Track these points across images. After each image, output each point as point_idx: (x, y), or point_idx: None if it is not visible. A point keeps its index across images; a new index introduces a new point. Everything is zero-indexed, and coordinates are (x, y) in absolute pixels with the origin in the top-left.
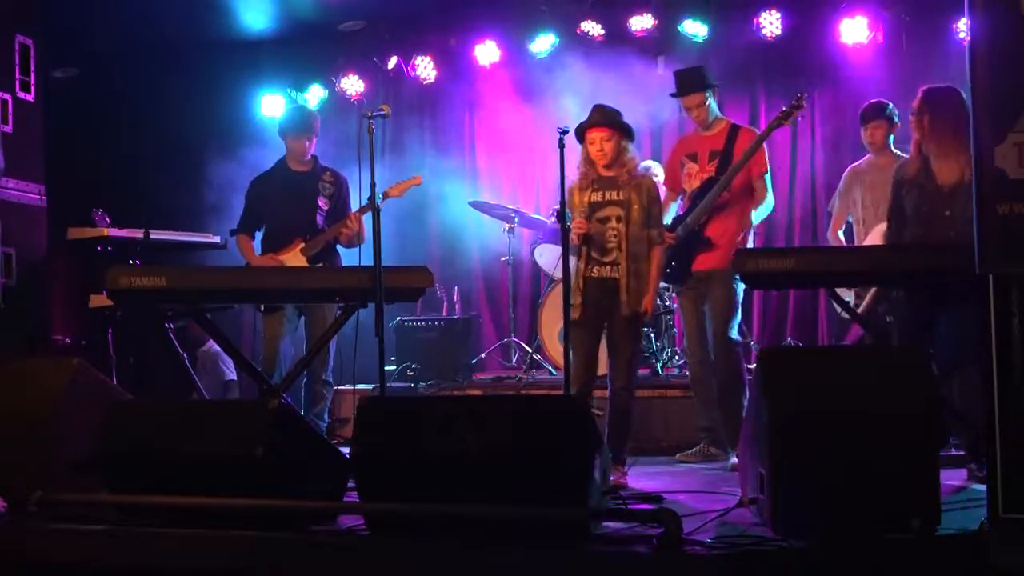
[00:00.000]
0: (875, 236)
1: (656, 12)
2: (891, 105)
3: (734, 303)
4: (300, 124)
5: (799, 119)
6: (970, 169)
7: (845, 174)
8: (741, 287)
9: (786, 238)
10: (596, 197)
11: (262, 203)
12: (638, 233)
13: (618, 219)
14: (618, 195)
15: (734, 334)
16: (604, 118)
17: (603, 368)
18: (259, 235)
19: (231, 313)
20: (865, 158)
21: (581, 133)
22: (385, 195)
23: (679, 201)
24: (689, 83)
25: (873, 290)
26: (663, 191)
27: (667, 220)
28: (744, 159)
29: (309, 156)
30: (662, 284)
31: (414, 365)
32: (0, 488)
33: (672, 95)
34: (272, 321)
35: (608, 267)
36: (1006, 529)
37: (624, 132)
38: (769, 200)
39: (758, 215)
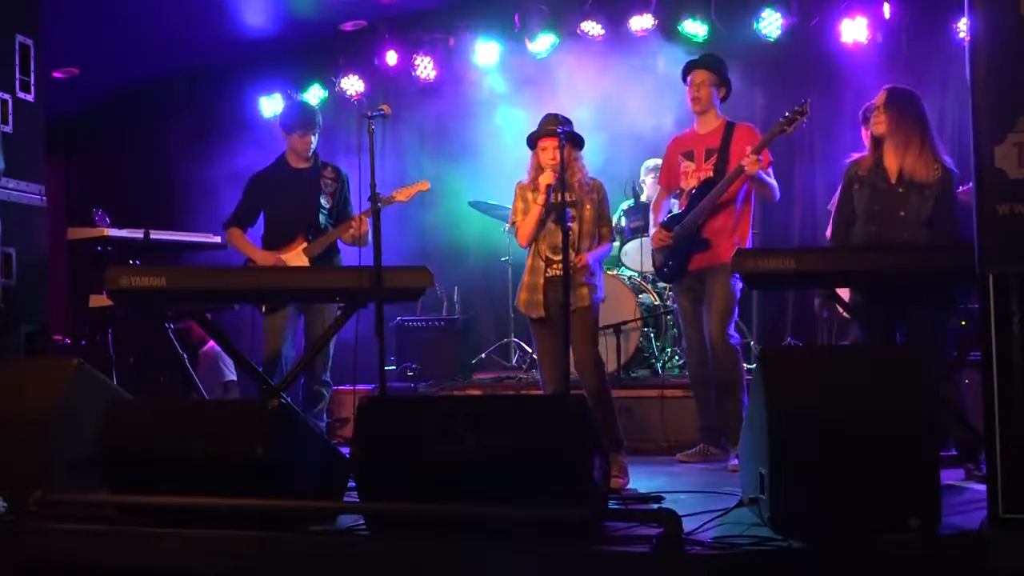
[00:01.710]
0: None
1: (656, 12)
2: None
3: (732, 302)
4: (306, 120)
5: (804, 122)
6: (926, 169)
7: None
8: (739, 286)
9: (786, 238)
10: (553, 199)
11: (262, 200)
12: (591, 231)
13: (572, 219)
14: (571, 196)
15: (732, 333)
16: (557, 127)
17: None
18: (252, 231)
19: (231, 313)
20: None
21: (533, 142)
22: (392, 198)
23: (670, 199)
24: (707, 61)
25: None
26: (648, 186)
27: (662, 218)
28: (738, 172)
29: (312, 152)
30: (661, 284)
31: (414, 365)
32: (0, 488)
33: (685, 66)
34: (273, 321)
35: (559, 266)
36: (1006, 529)
37: (574, 141)
38: (775, 191)
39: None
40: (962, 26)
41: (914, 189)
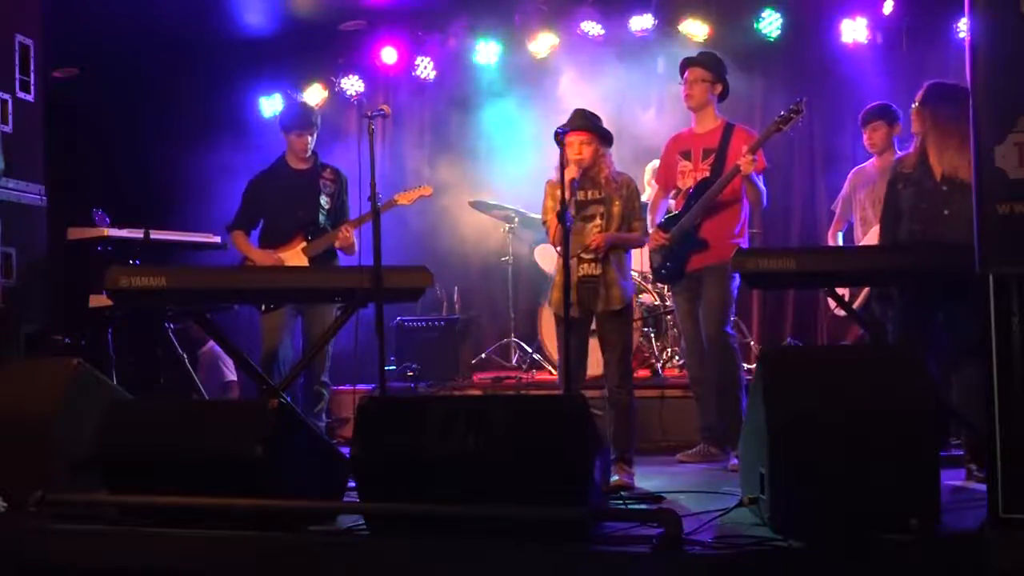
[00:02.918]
0: (874, 236)
1: (656, 12)
2: (892, 106)
3: (728, 301)
4: (303, 120)
5: (799, 121)
6: (968, 167)
7: (850, 175)
8: (736, 284)
9: (786, 238)
10: (581, 196)
11: (262, 201)
12: (619, 228)
13: (601, 216)
14: (600, 194)
15: (730, 332)
16: (584, 122)
17: (594, 369)
18: (255, 233)
19: (231, 313)
20: (870, 160)
21: (560, 137)
22: (394, 202)
23: (667, 199)
24: (702, 58)
25: (866, 288)
26: (655, 188)
27: (660, 217)
28: (735, 171)
29: (310, 152)
30: (659, 284)
31: (414, 365)
32: (0, 488)
33: (680, 64)
34: (270, 320)
35: (592, 264)
36: (1006, 529)
37: (602, 137)
38: (763, 196)
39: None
40: (962, 26)
41: (958, 187)
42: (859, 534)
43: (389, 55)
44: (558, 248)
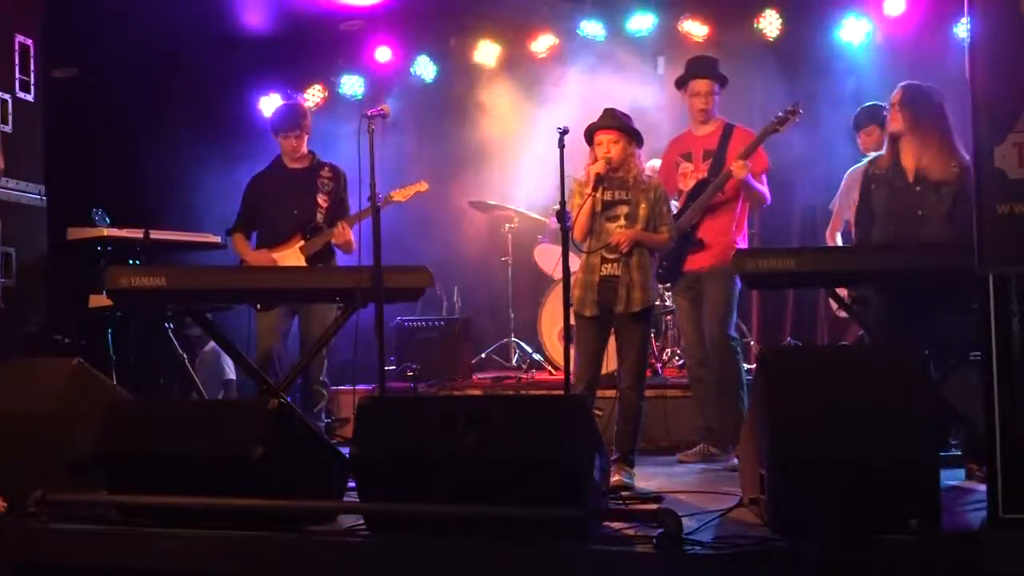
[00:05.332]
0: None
1: (656, 12)
2: (885, 106)
3: (730, 303)
4: (289, 121)
5: (796, 121)
6: (942, 168)
7: (847, 175)
8: (738, 286)
9: (786, 238)
10: (607, 196)
11: (260, 201)
12: (645, 231)
13: (626, 217)
14: (626, 195)
15: (731, 333)
16: (613, 121)
17: (606, 367)
18: (255, 234)
19: (231, 313)
20: (868, 159)
21: (590, 134)
22: (390, 199)
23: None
24: (706, 68)
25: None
26: None
27: None
28: (727, 176)
29: (303, 152)
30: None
31: (414, 365)
32: (0, 488)
33: (680, 79)
34: (265, 319)
35: (614, 264)
36: (1006, 529)
37: (631, 136)
38: (766, 197)
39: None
40: (962, 26)
41: (931, 187)
42: (859, 534)
43: (389, 55)
44: (584, 247)
